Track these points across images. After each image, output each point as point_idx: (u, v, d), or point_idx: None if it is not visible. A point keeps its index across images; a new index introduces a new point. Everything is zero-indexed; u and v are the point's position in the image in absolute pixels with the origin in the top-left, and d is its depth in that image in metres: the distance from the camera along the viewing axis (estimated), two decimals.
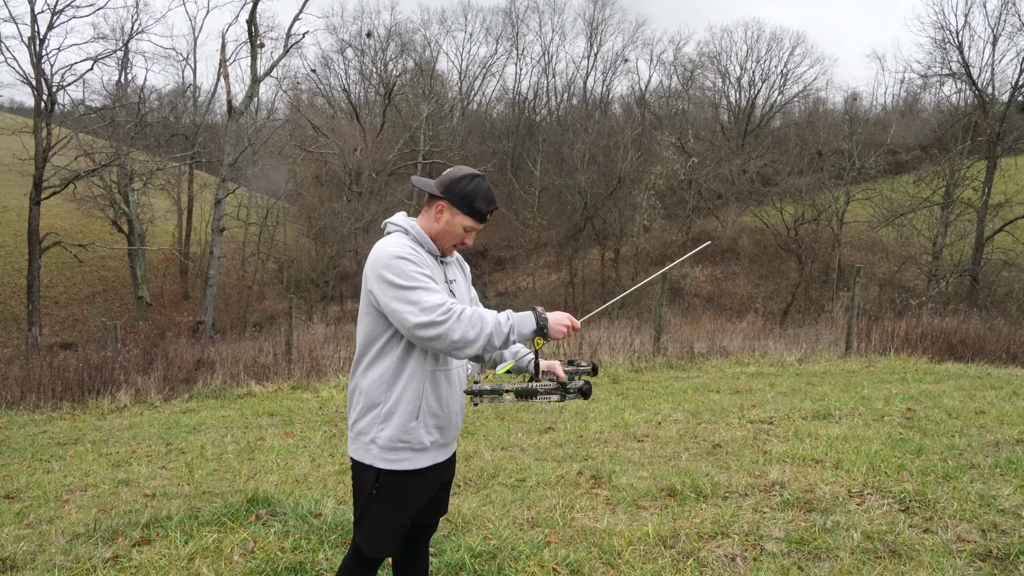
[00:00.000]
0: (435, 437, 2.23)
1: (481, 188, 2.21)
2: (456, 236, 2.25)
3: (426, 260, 2.18)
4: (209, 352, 11.24)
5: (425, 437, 2.20)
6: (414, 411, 2.17)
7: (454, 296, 2.27)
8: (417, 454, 2.20)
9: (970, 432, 4.92)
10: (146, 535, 3.53)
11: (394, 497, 2.21)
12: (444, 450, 2.30)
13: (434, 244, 2.25)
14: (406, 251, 2.12)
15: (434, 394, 2.20)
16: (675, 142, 31.34)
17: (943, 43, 25.95)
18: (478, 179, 2.22)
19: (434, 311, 2.01)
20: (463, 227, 2.23)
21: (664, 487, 4.01)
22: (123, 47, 26.32)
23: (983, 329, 10.85)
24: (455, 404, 2.28)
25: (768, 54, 37.31)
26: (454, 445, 2.40)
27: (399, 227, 2.25)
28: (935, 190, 25.28)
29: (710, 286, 28.80)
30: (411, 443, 2.18)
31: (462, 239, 2.26)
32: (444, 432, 2.26)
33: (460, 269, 2.45)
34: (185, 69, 44.86)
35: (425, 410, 2.19)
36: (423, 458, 2.22)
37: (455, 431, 2.34)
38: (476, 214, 2.22)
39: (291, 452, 5.73)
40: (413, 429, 2.18)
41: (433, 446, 2.24)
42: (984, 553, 2.98)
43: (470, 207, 2.20)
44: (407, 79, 36.94)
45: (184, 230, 31.92)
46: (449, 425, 2.27)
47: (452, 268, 2.37)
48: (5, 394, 9.46)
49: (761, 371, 8.80)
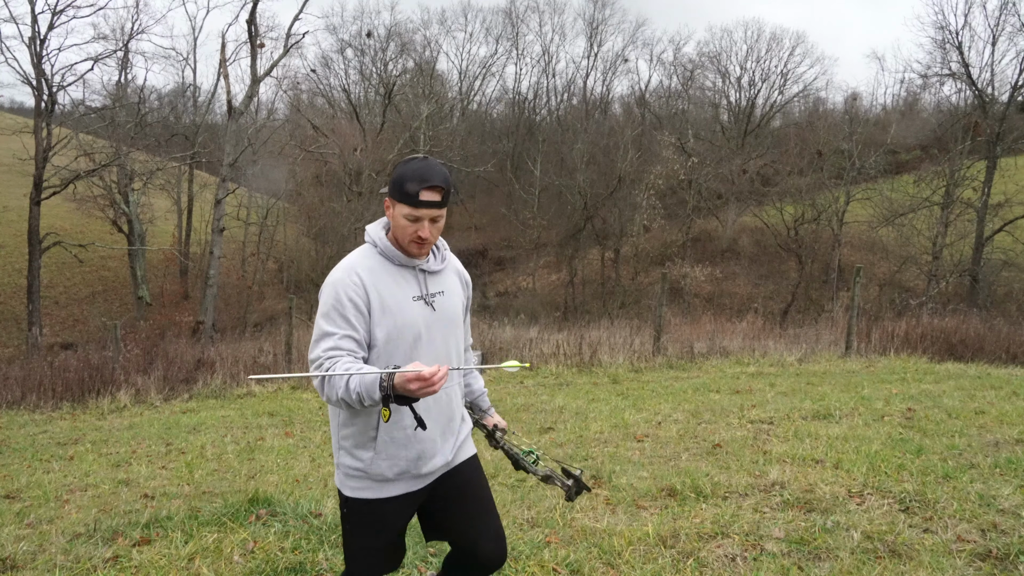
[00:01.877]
0: (402, 468, 1.99)
1: (410, 167, 1.91)
2: (406, 232, 1.95)
3: (376, 282, 1.94)
4: (209, 352, 11.24)
5: (387, 469, 1.97)
6: (366, 442, 1.97)
7: (433, 309, 2.03)
8: (381, 484, 2.00)
9: (970, 432, 4.92)
10: (146, 535, 3.52)
11: (362, 522, 2.04)
12: (419, 480, 2.04)
13: (401, 251, 2.01)
14: (343, 276, 1.93)
15: (395, 421, 1.94)
16: (675, 142, 31.34)
17: (943, 43, 25.98)
18: (413, 160, 1.94)
19: (312, 363, 1.87)
20: (404, 218, 1.93)
21: (664, 487, 4.00)
22: (123, 47, 26.29)
23: (983, 329, 10.86)
24: (432, 432, 2.01)
25: (768, 54, 37.34)
26: (441, 471, 2.10)
27: (368, 238, 2.04)
28: (935, 190, 25.28)
29: (710, 286, 28.79)
30: (370, 475, 1.98)
31: (416, 233, 1.94)
32: (418, 462, 2.00)
33: (457, 279, 2.20)
34: (185, 69, 44.73)
35: (386, 440, 1.96)
36: (390, 488, 2.01)
37: (440, 458, 2.06)
38: (407, 198, 1.89)
39: (291, 452, 5.74)
40: (371, 460, 1.97)
41: (402, 477, 2.00)
42: (984, 553, 2.98)
43: (400, 192, 1.90)
44: (407, 79, 36.93)
45: (184, 230, 31.90)
46: (425, 455, 2.01)
47: (441, 278, 2.11)
48: (5, 394, 9.46)
49: (761, 371, 8.80)
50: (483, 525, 2.12)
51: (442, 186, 1.91)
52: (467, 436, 2.21)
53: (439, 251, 2.15)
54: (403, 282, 2.01)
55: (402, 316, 1.96)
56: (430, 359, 1.97)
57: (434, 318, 2.04)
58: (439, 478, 2.10)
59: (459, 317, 2.16)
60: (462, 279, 2.23)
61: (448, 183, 1.93)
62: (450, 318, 2.10)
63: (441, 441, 2.06)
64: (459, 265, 2.26)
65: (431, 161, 1.94)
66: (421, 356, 1.97)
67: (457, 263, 2.25)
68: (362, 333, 1.92)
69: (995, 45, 25.47)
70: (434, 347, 2.03)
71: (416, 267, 2.04)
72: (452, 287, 2.15)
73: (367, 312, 1.92)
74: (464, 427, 2.20)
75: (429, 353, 2.00)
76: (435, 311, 2.05)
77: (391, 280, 1.99)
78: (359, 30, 37.64)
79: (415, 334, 1.98)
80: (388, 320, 1.94)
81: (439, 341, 2.05)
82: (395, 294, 1.97)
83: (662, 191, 29.66)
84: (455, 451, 2.12)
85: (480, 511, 2.13)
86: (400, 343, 1.96)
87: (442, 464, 2.07)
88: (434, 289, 2.07)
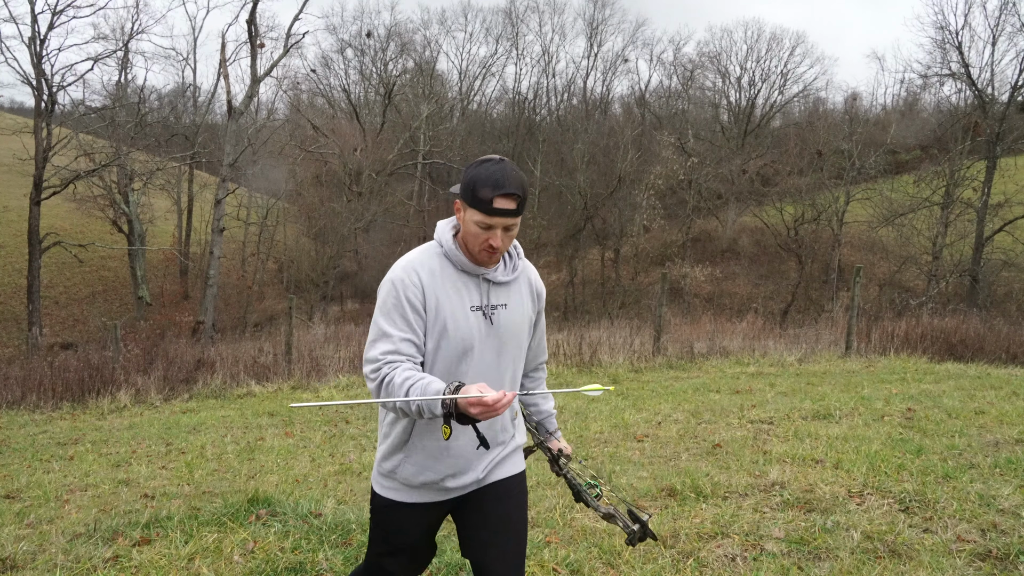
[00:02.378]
0: (429, 478, 1.92)
1: (483, 170, 1.78)
2: (477, 239, 1.82)
3: (435, 285, 1.84)
4: (209, 352, 11.25)
5: (413, 476, 1.92)
6: (399, 444, 1.92)
7: (491, 323, 1.89)
8: (408, 489, 1.95)
9: (970, 432, 4.92)
10: (146, 535, 3.52)
11: (383, 520, 2.01)
12: (443, 492, 1.96)
13: (468, 256, 1.88)
14: (403, 275, 1.84)
15: (430, 432, 1.88)
16: (675, 142, 31.35)
17: (943, 43, 25.97)
18: (487, 163, 1.80)
19: (369, 363, 1.80)
20: (476, 224, 1.80)
21: (664, 487, 4.01)
22: (123, 47, 26.30)
23: (983, 329, 10.86)
24: (466, 450, 1.91)
25: (768, 54, 37.31)
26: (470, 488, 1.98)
27: (436, 236, 1.93)
28: (935, 190, 25.28)
29: (710, 286, 28.80)
30: (398, 477, 1.94)
31: (487, 242, 1.81)
32: (445, 477, 1.92)
33: (527, 292, 2.01)
34: (185, 69, 44.76)
35: (418, 447, 1.90)
36: (413, 494, 1.95)
37: (470, 476, 1.94)
38: (480, 204, 1.76)
39: (291, 452, 5.74)
40: (401, 463, 1.92)
41: (427, 487, 1.94)
42: (984, 553, 2.99)
43: (473, 196, 1.78)
44: (407, 79, 36.96)
45: (184, 230, 31.91)
46: (454, 472, 1.92)
47: (507, 290, 1.95)
48: (5, 394, 9.46)
49: (761, 371, 8.80)
50: (498, 552, 1.96)
51: (518, 193, 1.78)
52: (509, 455, 2.04)
53: (511, 260, 1.98)
54: (463, 289, 1.88)
55: (455, 326, 1.85)
56: (477, 375, 1.87)
57: (490, 332, 1.90)
58: (467, 494, 2.00)
59: (521, 335, 1.99)
60: (534, 292, 2.05)
61: (524, 190, 1.80)
62: (510, 335, 1.95)
63: (476, 460, 1.94)
64: (534, 275, 2.06)
65: (506, 165, 1.80)
66: (468, 372, 1.87)
67: (532, 273, 2.06)
68: (420, 336, 1.84)
69: (995, 45, 25.49)
70: (484, 363, 1.90)
71: (481, 275, 1.90)
72: (519, 301, 1.99)
73: (424, 314, 1.84)
74: (506, 447, 2.04)
75: (477, 369, 1.88)
76: (492, 325, 1.90)
77: (450, 285, 1.87)
78: (359, 30, 37.69)
79: (465, 347, 1.86)
80: (439, 328, 1.85)
81: (491, 357, 1.91)
82: (452, 301, 1.86)
83: (662, 191, 29.67)
84: (489, 470, 1.98)
85: (499, 537, 1.98)
86: (447, 354, 1.86)
87: (471, 482, 1.96)
88: (496, 301, 1.93)
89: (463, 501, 2.00)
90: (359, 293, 29.76)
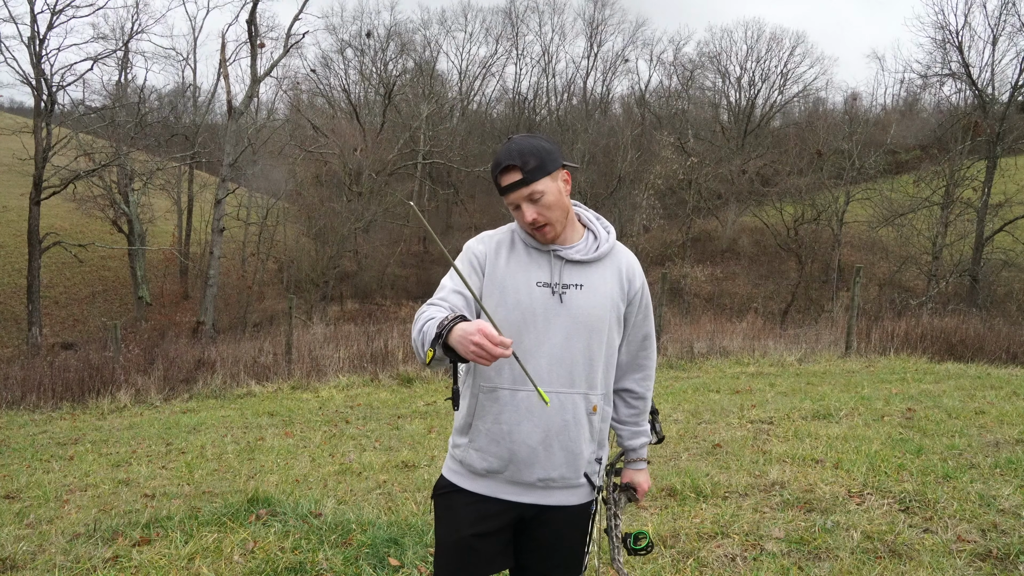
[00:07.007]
0: (491, 465, 1.81)
1: (493, 159, 1.77)
2: (519, 221, 1.81)
3: (503, 255, 1.83)
4: (209, 352, 11.24)
5: (477, 461, 1.83)
6: (463, 428, 1.87)
7: (561, 302, 1.78)
8: (470, 476, 1.86)
9: (970, 432, 4.92)
10: (146, 535, 3.52)
11: (441, 506, 1.91)
12: (514, 488, 1.83)
13: (530, 235, 1.84)
14: (475, 242, 1.88)
15: (491, 415, 1.80)
16: (675, 142, 31.35)
17: (943, 43, 25.95)
18: (503, 143, 1.79)
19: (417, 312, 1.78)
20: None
21: (664, 487, 4.00)
22: (123, 47, 26.28)
23: (983, 329, 10.86)
24: (530, 438, 1.78)
25: (768, 54, 37.35)
26: (536, 495, 1.84)
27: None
28: (935, 190, 25.27)
29: (710, 286, 28.80)
30: (462, 460, 1.87)
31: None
32: (510, 464, 1.80)
33: (615, 277, 1.86)
34: (185, 69, 44.77)
35: (479, 430, 1.83)
36: (476, 483, 1.85)
37: (539, 470, 1.80)
38: (497, 189, 1.79)
39: (291, 452, 5.74)
40: (464, 447, 1.86)
41: (491, 476, 1.83)
42: (984, 553, 2.98)
43: (494, 185, 1.80)
44: (407, 79, 36.94)
45: (184, 230, 31.90)
46: (518, 459, 1.79)
47: (586, 270, 1.83)
48: (5, 394, 9.46)
49: (761, 371, 8.80)
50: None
51: (515, 163, 1.72)
52: (581, 485, 1.88)
53: (597, 238, 1.87)
54: (532, 265, 1.81)
55: (514, 295, 1.78)
56: (542, 354, 1.77)
57: (558, 311, 1.78)
58: (528, 519, 1.87)
59: (601, 321, 1.82)
60: (624, 277, 1.88)
61: (524, 156, 1.72)
62: (585, 318, 1.79)
63: (543, 452, 1.80)
64: (627, 262, 1.91)
65: (510, 141, 1.77)
66: (532, 349, 1.76)
67: (626, 259, 1.91)
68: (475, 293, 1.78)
69: (995, 45, 25.49)
70: (550, 343, 1.77)
71: (552, 252, 1.82)
72: (601, 284, 1.83)
73: (483, 276, 1.82)
74: (580, 473, 1.86)
75: (541, 347, 1.77)
76: (562, 304, 1.78)
77: (519, 260, 1.83)
78: (359, 30, 37.66)
79: (524, 318, 1.77)
80: (496, 294, 1.79)
81: (559, 339, 1.78)
82: (516, 274, 1.80)
83: (662, 191, 29.67)
84: (550, 491, 1.84)
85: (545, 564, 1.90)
86: (507, 324, 1.76)
87: (539, 478, 1.82)
88: (570, 280, 1.80)
89: (521, 523, 1.88)
90: (359, 293, 29.75)
